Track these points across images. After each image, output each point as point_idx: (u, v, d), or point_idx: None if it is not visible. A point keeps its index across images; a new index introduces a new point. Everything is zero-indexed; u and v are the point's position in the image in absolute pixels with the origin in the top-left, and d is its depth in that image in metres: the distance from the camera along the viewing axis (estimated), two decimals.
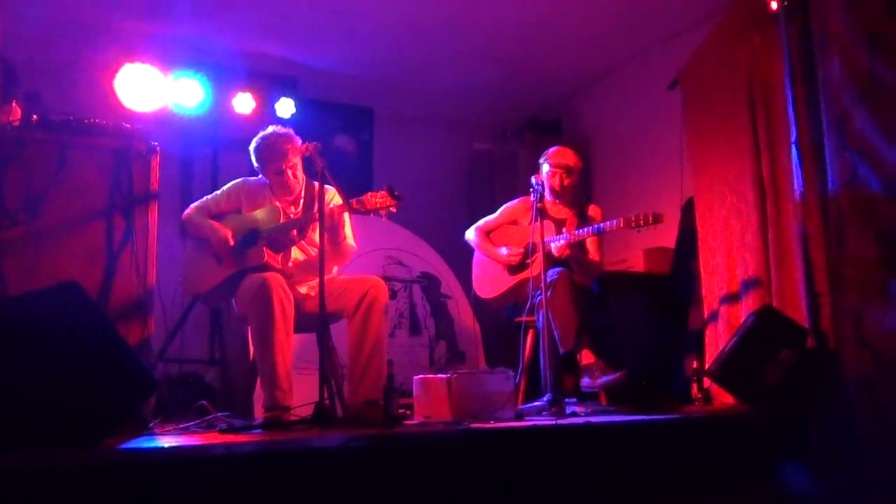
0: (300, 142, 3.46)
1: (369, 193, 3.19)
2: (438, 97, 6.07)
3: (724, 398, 3.74)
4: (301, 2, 4.70)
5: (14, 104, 3.08)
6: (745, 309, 3.83)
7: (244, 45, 5.14)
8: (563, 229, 3.93)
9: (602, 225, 3.74)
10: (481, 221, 4.30)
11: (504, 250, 4.08)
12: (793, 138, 3.52)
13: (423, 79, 5.76)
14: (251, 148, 3.53)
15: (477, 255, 4.29)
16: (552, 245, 3.77)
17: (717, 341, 3.96)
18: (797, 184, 3.50)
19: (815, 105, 3.42)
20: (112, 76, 4.61)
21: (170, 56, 4.89)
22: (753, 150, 3.90)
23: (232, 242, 3.40)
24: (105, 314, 2.65)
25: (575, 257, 3.83)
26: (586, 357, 3.62)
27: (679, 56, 4.59)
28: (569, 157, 4.05)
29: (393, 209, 3.16)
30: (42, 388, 2.20)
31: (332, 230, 3.34)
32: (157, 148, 3.20)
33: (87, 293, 2.47)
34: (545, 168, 4.06)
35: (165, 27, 4.83)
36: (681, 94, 4.52)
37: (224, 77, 5.12)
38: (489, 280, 4.18)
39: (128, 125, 3.25)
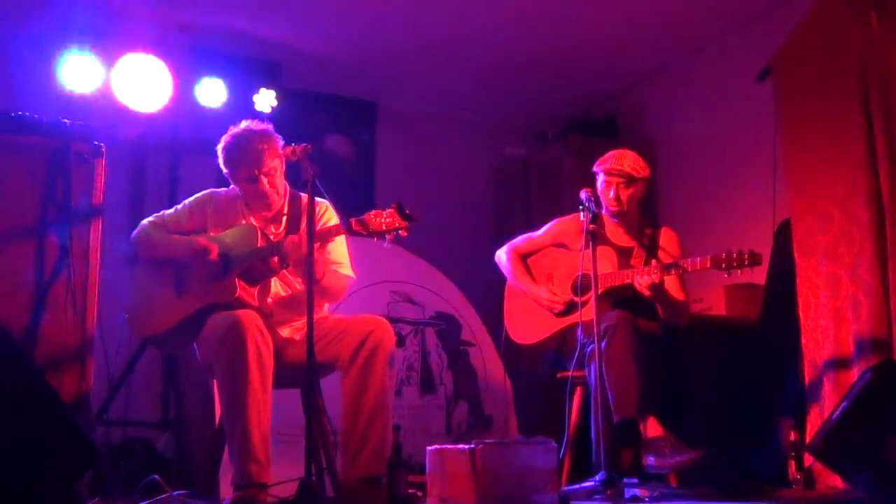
0: (283, 142, 3.47)
1: (374, 212, 3.17)
2: (459, 89, 6.11)
3: (831, 480, 3.69)
4: None
5: None
6: (858, 365, 3.78)
7: (214, 21, 5.20)
8: (631, 260, 3.89)
9: (682, 263, 3.68)
10: (519, 239, 4.27)
11: (544, 292, 4.04)
12: None
13: (440, 65, 5.79)
14: (219, 149, 3.55)
15: (511, 286, 4.26)
16: (637, 279, 3.70)
17: (821, 407, 3.91)
18: None
19: None
20: (50, 60, 4.70)
21: (121, 36, 4.96)
22: (868, 159, 3.87)
23: (216, 253, 3.39)
24: (32, 361, 2.65)
25: (661, 294, 3.76)
26: (652, 428, 3.57)
27: (770, 38, 4.58)
28: (628, 161, 3.99)
29: (403, 232, 3.14)
30: None
31: (323, 257, 3.34)
32: (103, 149, 3.23)
33: (10, 334, 2.47)
34: (599, 178, 4.03)
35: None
36: (773, 87, 4.51)
37: (188, 61, 5.19)
38: (528, 321, 4.13)
39: (66, 120, 3.28)
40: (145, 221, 3.60)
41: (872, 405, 3.30)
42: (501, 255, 4.28)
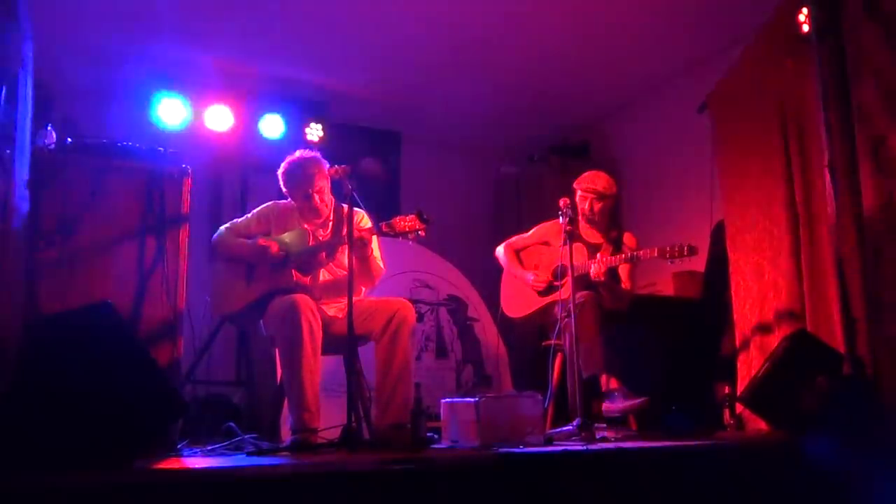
0: (328, 165, 3.47)
1: (398, 217, 3.18)
2: (465, 121, 6.10)
3: (757, 424, 3.67)
4: (332, 29, 4.77)
5: (49, 128, 3.13)
6: (778, 333, 3.76)
7: (275, 70, 5.21)
8: (598, 254, 3.91)
9: (636, 253, 3.72)
10: (513, 238, 4.29)
11: (530, 276, 4.07)
12: (826, 161, 3.47)
13: (451, 103, 5.79)
14: (279, 173, 3.55)
15: (506, 273, 4.27)
16: (592, 267, 3.74)
17: (749, 367, 3.89)
18: (831, 207, 3.44)
19: (848, 128, 3.37)
20: (144, 101, 4.71)
21: (201, 81, 4.97)
22: (786, 173, 3.85)
23: (275, 249, 3.40)
24: (136, 335, 2.66)
25: (607, 283, 3.80)
26: (611, 382, 3.58)
27: (709, 79, 4.56)
28: (600, 181, 4.03)
29: (422, 233, 3.15)
30: (73, 407, 2.21)
31: (360, 252, 3.34)
32: (189, 171, 3.23)
33: (119, 313, 2.48)
34: (578, 193, 4.06)
35: (196, 53, 4.91)
36: (710, 117, 4.49)
37: (254, 102, 5.19)
38: (518, 299, 4.15)
39: (160, 148, 3.29)
40: (222, 228, 3.61)
41: (789, 365, 3.29)
42: (500, 251, 4.30)
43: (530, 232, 4.25)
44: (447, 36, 4.87)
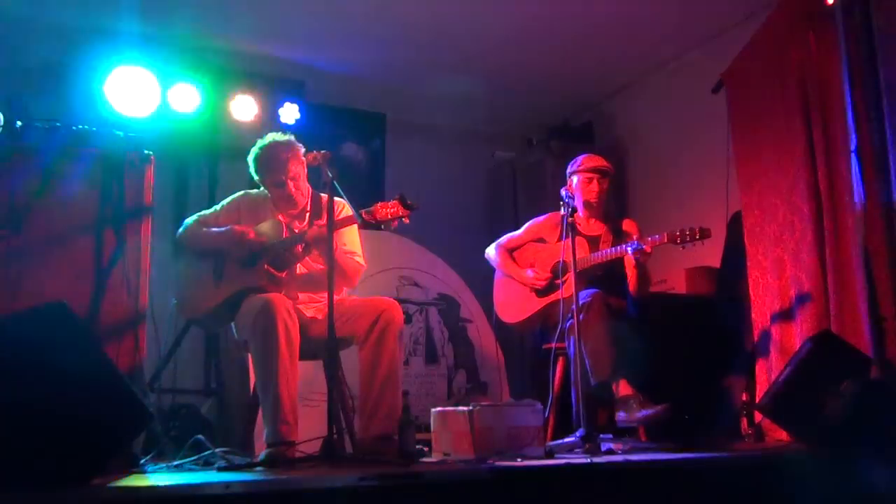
0: (304, 150, 3.46)
1: (379, 203, 3.18)
2: (456, 102, 6.08)
3: (777, 434, 3.70)
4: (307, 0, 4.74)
5: None
6: (800, 335, 3.79)
7: (246, 46, 5.18)
8: (599, 246, 3.92)
9: (641, 243, 3.71)
10: (504, 238, 4.29)
11: (529, 272, 4.07)
12: (852, 146, 3.49)
13: (440, 82, 5.77)
14: (249, 160, 3.54)
15: (498, 275, 4.27)
16: (629, 249, 3.70)
17: (769, 371, 3.92)
18: (857, 195, 3.46)
19: (877, 109, 3.39)
20: (102, 81, 4.68)
21: (164, 58, 4.94)
22: (808, 159, 3.87)
23: (252, 234, 3.38)
24: (94, 338, 2.65)
25: (644, 266, 3.78)
26: (623, 388, 3.59)
27: (723, 56, 4.58)
28: (599, 159, 4.07)
29: (405, 219, 3.14)
30: (24, 419, 2.20)
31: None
32: (152, 157, 3.21)
33: (75, 314, 2.47)
34: (576, 179, 4.05)
35: (160, 28, 4.88)
36: (726, 98, 4.50)
37: (224, 81, 5.17)
38: (513, 303, 4.16)
39: (120, 132, 3.27)
40: (188, 220, 3.60)
41: (812, 370, 3.31)
42: (490, 252, 4.30)
43: (522, 229, 4.26)
44: (435, 7, 4.85)
